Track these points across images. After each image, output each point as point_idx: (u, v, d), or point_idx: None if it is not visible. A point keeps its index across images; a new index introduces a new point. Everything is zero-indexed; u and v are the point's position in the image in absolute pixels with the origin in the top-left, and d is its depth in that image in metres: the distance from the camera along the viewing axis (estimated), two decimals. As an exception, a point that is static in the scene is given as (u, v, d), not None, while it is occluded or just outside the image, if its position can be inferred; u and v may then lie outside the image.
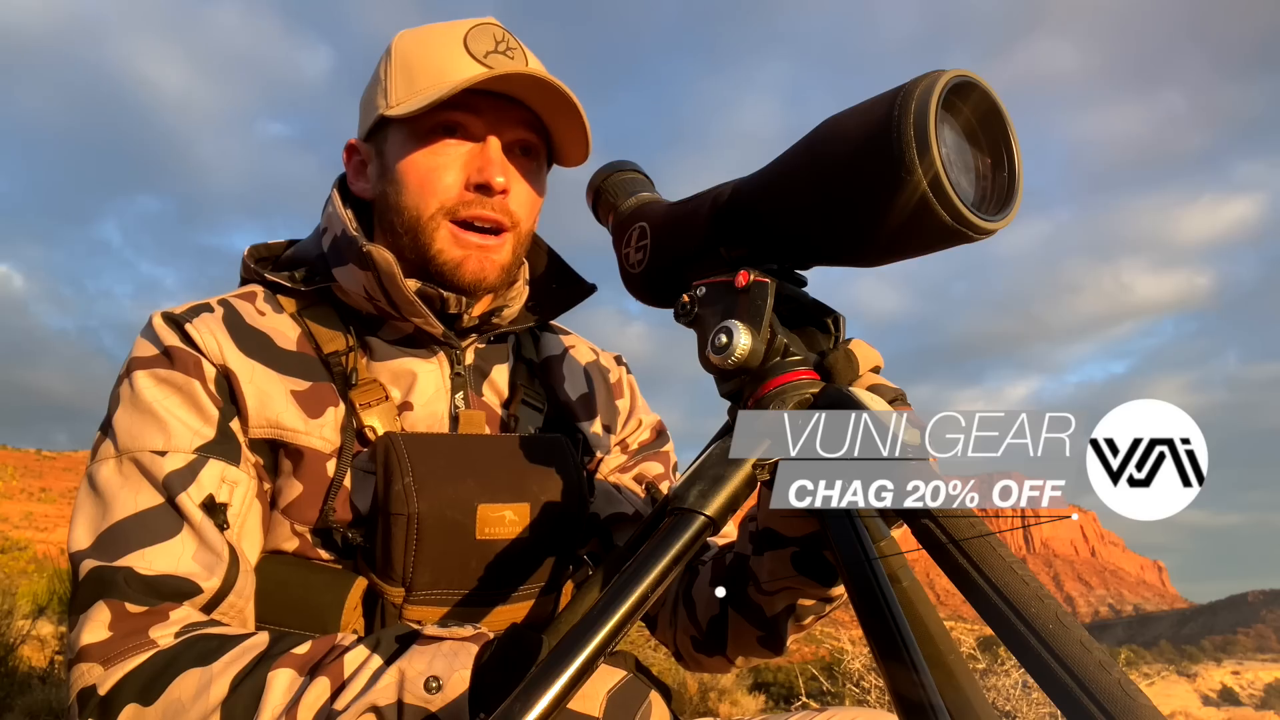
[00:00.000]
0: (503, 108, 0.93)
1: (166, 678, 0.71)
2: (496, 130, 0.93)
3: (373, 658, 0.69)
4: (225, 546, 0.81)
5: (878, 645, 0.57)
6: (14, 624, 4.60)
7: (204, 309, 0.91)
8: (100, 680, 0.73)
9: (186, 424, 0.84)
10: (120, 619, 0.74)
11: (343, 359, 0.93)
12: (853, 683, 5.42)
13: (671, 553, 0.61)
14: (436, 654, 0.67)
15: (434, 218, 0.91)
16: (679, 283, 0.76)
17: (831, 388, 0.67)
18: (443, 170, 0.91)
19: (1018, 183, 0.63)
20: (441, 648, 0.68)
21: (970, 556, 0.53)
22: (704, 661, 1.03)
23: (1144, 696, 0.45)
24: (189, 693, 0.70)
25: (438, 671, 0.65)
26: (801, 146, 0.66)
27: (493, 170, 0.91)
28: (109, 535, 0.78)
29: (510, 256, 0.95)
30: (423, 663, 0.67)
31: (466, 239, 0.92)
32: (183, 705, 0.70)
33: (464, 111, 0.91)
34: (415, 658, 0.67)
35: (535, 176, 0.98)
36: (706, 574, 1.01)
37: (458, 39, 0.91)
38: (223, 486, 0.83)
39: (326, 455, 0.89)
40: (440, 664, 0.66)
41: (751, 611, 0.92)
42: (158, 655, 0.73)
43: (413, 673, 0.66)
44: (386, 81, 0.94)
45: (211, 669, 0.71)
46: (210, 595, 0.79)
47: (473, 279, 0.93)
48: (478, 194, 0.91)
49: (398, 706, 0.66)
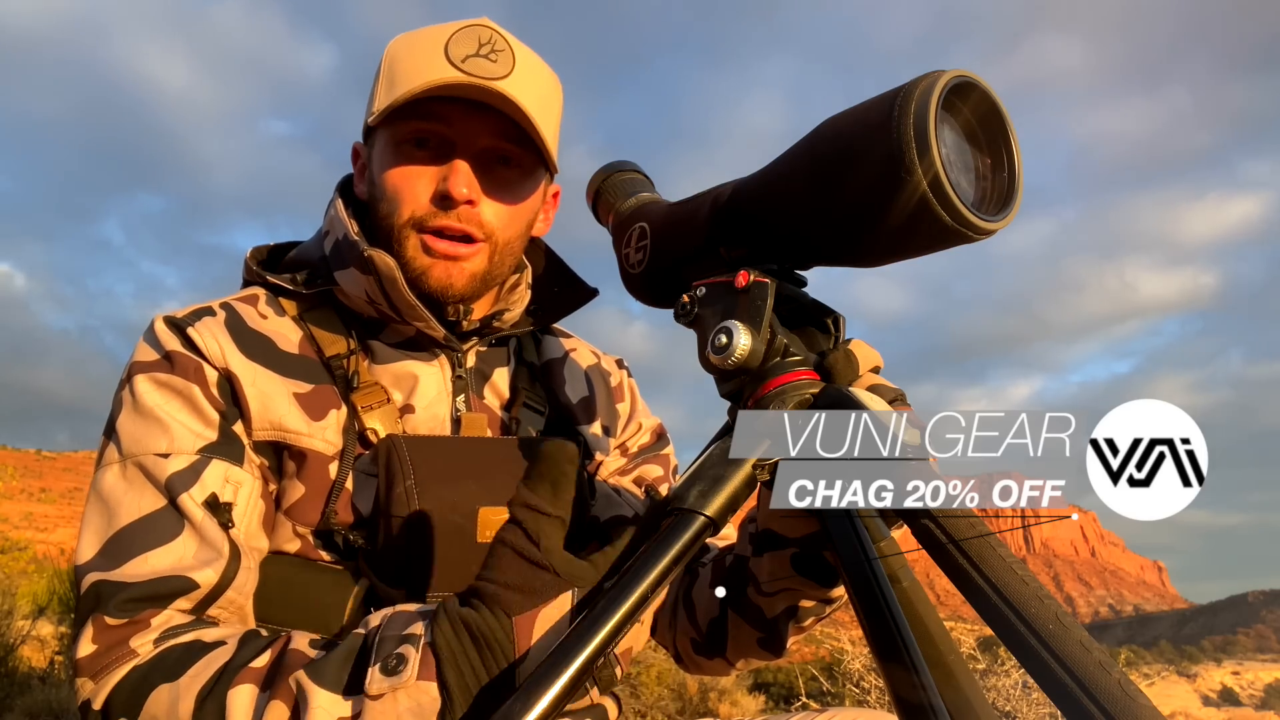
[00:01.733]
0: (476, 116, 0.91)
1: (143, 691, 0.72)
2: (467, 140, 0.92)
3: (320, 693, 0.64)
4: (226, 543, 0.81)
5: (877, 646, 0.57)
6: (14, 624, 4.60)
7: (206, 312, 0.92)
8: (92, 695, 0.74)
9: (189, 427, 0.84)
10: (102, 632, 0.75)
11: (344, 362, 0.94)
12: (853, 683, 5.42)
13: (671, 553, 0.61)
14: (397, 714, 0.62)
15: (404, 227, 0.92)
16: (679, 283, 0.76)
17: (831, 388, 0.67)
18: (412, 181, 0.92)
19: (1018, 183, 0.63)
20: (399, 700, 0.63)
21: (970, 556, 0.53)
22: (704, 664, 1.03)
23: (1144, 697, 0.45)
24: (162, 708, 0.71)
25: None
26: (801, 147, 0.66)
27: (455, 182, 0.90)
28: (115, 542, 0.79)
29: (484, 265, 0.94)
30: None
31: (434, 246, 0.92)
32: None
33: (434, 121, 0.91)
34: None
35: (515, 186, 0.96)
36: (707, 576, 1.01)
37: (440, 44, 0.90)
38: (226, 486, 0.84)
39: (329, 458, 0.89)
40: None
41: (751, 613, 0.91)
42: (135, 669, 0.74)
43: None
44: (375, 87, 0.94)
45: (178, 684, 0.71)
46: (206, 591, 0.79)
47: (438, 286, 0.92)
48: (443, 205, 0.91)
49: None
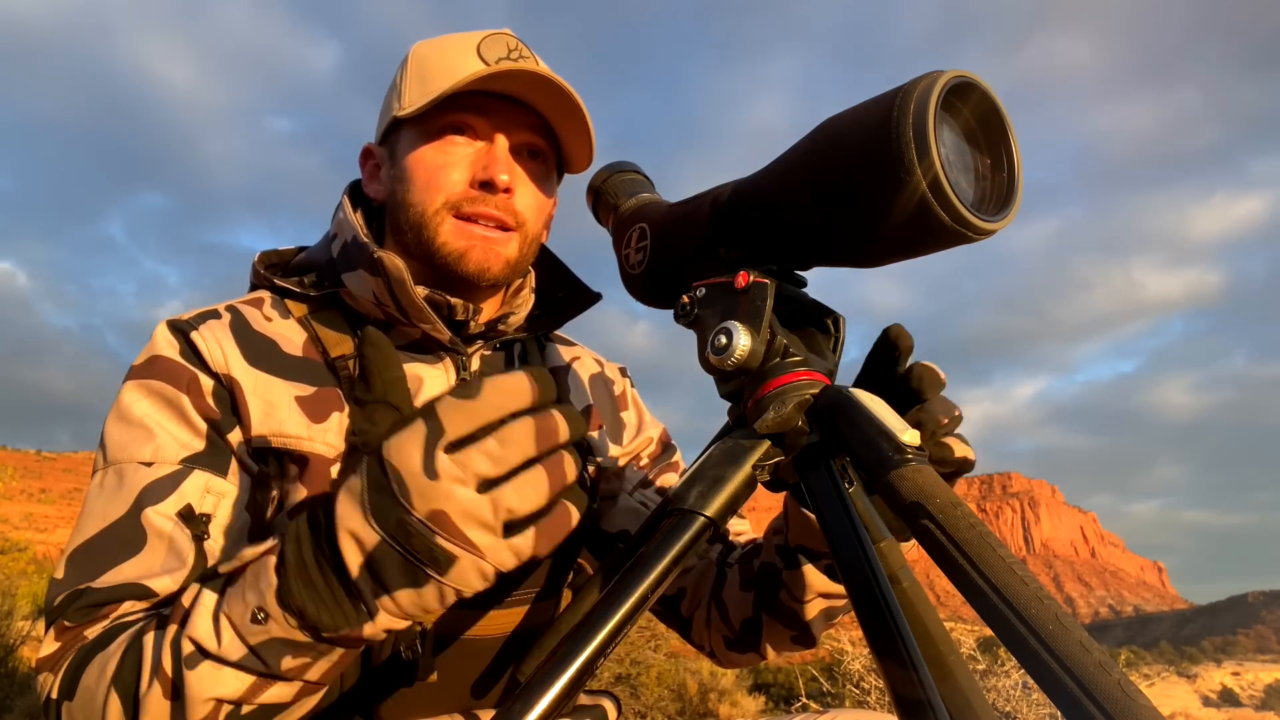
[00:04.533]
0: (511, 110, 0.95)
1: (81, 669, 0.72)
2: (504, 130, 0.95)
3: (204, 592, 0.67)
4: (193, 554, 0.80)
5: (877, 647, 0.57)
6: (14, 625, 4.60)
7: (211, 315, 0.92)
8: (52, 687, 0.74)
9: (175, 436, 0.84)
10: (61, 633, 0.75)
11: (349, 363, 0.94)
12: (853, 684, 5.42)
13: (671, 553, 0.61)
14: (245, 588, 0.65)
15: (438, 212, 0.93)
16: (679, 283, 0.76)
17: (831, 388, 0.67)
18: (450, 167, 0.93)
19: (1017, 183, 0.63)
20: (245, 579, 0.65)
21: (970, 557, 0.52)
22: (737, 659, 1.06)
23: (1144, 697, 0.45)
24: (93, 678, 0.70)
25: (255, 604, 0.63)
26: (801, 147, 0.66)
27: (497, 168, 0.93)
28: (82, 552, 0.79)
29: (516, 254, 0.96)
30: (239, 606, 0.64)
31: (470, 230, 0.93)
32: (90, 693, 0.70)
33: (472, 112, 0.94)
34: (233, 602, 0.65)
35: (543, 180, 0.99)
36: (735, 577, 1.02)
37: (472, 46, 0.93)
38: (207, 497, 0.83)
39: (330, 460, 0.89)
40: (252, 595, 0.63)
41: (786, 617, 0.96)
42: (80, 650, 0.73)
43: (238, 617, 0.64)
44: (401, 86, 0.96)
45: (109, 650, 0.71)
46: (161, 598, 0.77)
47: (476, 268, 0.93)
48: (482, 191, 0.93)
49: (249, 652, 0.63)
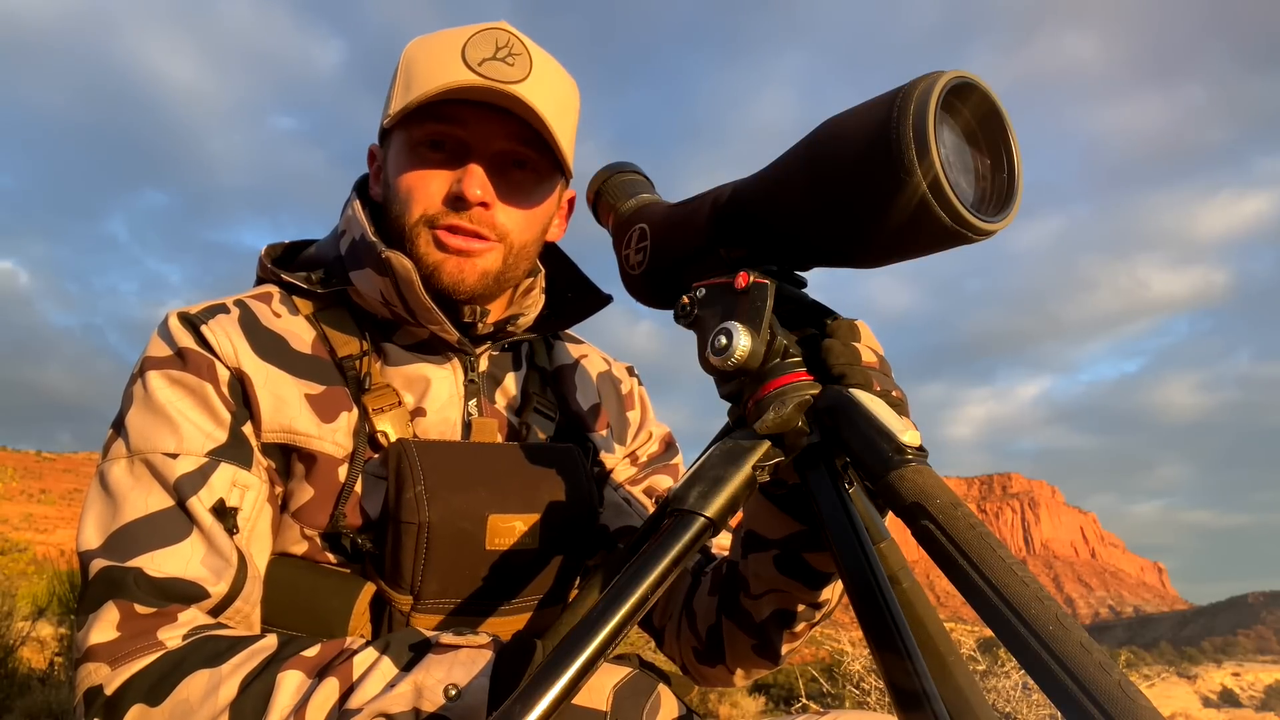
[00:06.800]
0: (491, 120, 0.92)
1: (174, 678, 0.72)
2: (482, 143, 0.92)
3: (383, 660, 0.70)
4: (234, 551, 0.81)
5: (879, 647, 0.57)
6: (14, 625, 4.60)
7: (220, 309, 0.91)
8: (107, 680, 0.73)
9: (199, 426, 0.84)
10: (129, 619, 0.74)
11: (357, 363, 0.94)
12: (853, 684, 5.42)
13: (671, 554, 0.61)
14: (454, 663, 0.68)
15: (416, 225, 0.92)
16: (679, 284, 0.76)
17: (832, 389, 0.67)
18: (426, 182, 0.92)
19: (1017, 184, 0.63)
20: (458, 656, 0.69)
21: (970, 557, 0.52)
22: (707, 674, 1.02)
23: (1144, 698, 0.45)
24: (197, 693, 0.70)
25: (456, 680, 0.66)
26: (801, 148, 0.66)
27: (469, 184, 0.90)
28: (119, 536, 0.78)
29: (498, 265, 0.94)
30: (441, 671, 0.67)
31: (446, 241, 0.92)
32: (190, 706, 0.70)
33: (449, 124, 0.92)
34: (432, 667, 0.68)
35: (529, 189, 0.96)
36: (707, 584, 1.01)
37: (457, 47, 0.90)
38: (234, 490, 0.83)
39: (338, 460, 0.89)
40: (459, 672, 0.67)
41: (743, 618, 0.91)
42: (165, 656, 0.73)
43: (430, 681, 0.67)
44: (392, 89, 0.95)
45: (220, 670, 0.71)
46: (217, 600, 0.79)
47: (450, 282, 0.92)
48: (457, 206, 0.91)
49: (414, 714, 0.66)
